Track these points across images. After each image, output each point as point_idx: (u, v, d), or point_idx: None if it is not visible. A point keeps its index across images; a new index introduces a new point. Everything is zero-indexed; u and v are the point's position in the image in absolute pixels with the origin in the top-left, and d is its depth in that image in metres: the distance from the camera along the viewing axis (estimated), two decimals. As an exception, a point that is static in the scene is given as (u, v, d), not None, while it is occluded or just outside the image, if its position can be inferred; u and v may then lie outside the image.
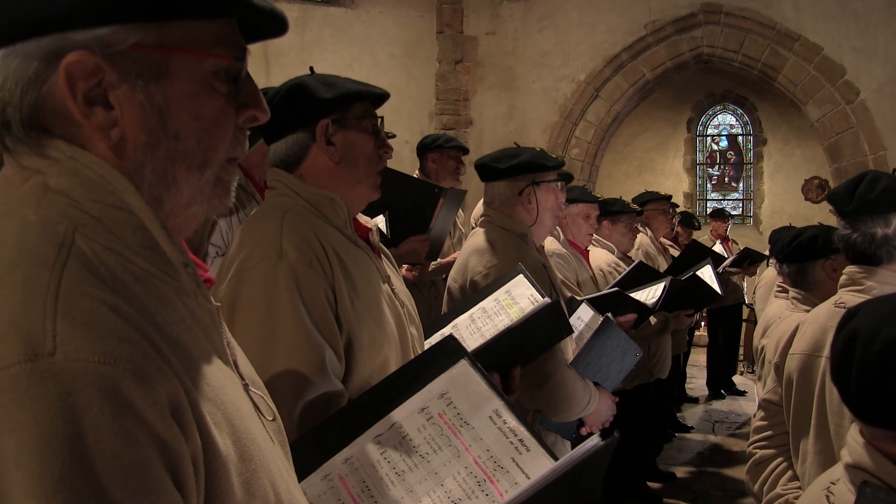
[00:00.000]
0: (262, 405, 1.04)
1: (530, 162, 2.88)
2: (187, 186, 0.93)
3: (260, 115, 0.99)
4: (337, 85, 1.85)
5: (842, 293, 2.35)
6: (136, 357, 0.76)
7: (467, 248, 2.95)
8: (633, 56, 9.98)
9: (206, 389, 0.86)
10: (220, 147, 0.95)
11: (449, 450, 1.41)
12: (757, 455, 2.56)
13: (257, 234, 1.76)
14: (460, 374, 1.49)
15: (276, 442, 1.05)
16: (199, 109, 0.92)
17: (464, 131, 10.32)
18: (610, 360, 2.99)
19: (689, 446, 7.16)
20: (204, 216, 0.99)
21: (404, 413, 1.45)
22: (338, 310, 1.71)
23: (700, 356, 9.76)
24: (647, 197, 6.46)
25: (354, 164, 1.86)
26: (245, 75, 0.97)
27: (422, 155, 4.57)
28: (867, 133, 8.85)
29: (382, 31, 10.35)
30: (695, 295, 4.68)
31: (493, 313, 2.35)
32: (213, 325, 0.97)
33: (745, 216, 14.57)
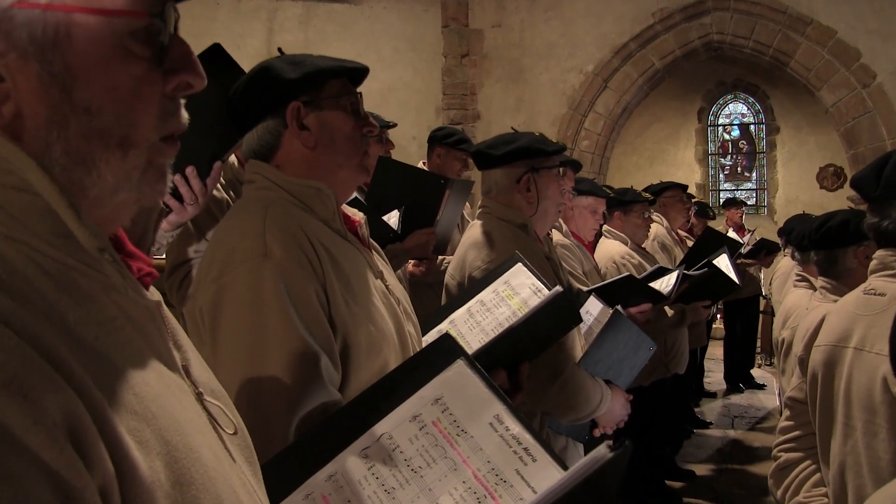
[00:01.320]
0: (220, 417, 0.90)
1: (527, 147, 2.70)
2: (109, 170, 0.78)
3: (194, 80, 0.83)
4: (305, 63, 1.69)
5: (872, 279, 2.14)
6: (9, 366, 0.62)
7: (465, 242, 2.78)
8: (641, 45, 9.83)
9: (131, 401, 0.73)
10: (144, 122, 0.80)
11: (444, 462, 1.25)
12: (782, 459, 2.37)
13: (237, 231, 1.60)
14: (456, 376, 1.34)
15: (240, 459, 0.91)
16: (113, 78, 0.77)
17: (471, 126, 10.19)
18: (622, 356, 2.81)
19: (708, 443, 7.00)
20: (136, 205, 0.84)
21: (394, 422, 1.30)
22: (331, 311, 1.55)
23: (717, 350, 9.59)
24: (663, 185, 6.30)
25: (333, 147, 1.70)
26: (172, 35, 0.81)
27: (431, 146, 4.44)
28: (885, 117, 8.66)
29: (387, 26, 10.25)
30: (712, 285, 4.51)
31: (492, 306, 2.19)
32: (152, 324, 0.84)
33: (760, 206, 14.40)
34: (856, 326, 2.09)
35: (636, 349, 2.85)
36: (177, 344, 0.89)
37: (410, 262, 3.65)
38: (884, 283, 2.09)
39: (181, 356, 0.88)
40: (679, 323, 4.64)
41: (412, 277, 3.70)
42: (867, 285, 2.16)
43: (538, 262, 2.56)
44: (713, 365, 9.58)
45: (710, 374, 9.24)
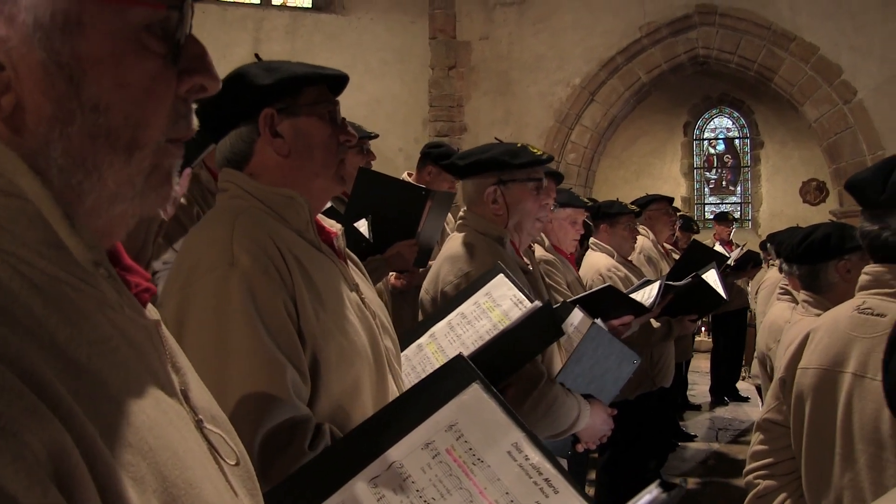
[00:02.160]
0: (221, 446, 0.83)
1: (493, 159, 2.62)
2: (112, 174, 0.71)
3: (209, 83, 0.77)
4: (280, 70, 1.65)
5: (864, 296, 2.04)
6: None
7: (441, 255, 2.71)
8: (628, 59, 9.90)
9: (126, 432, 0.66)
10: (155, 123, 0.73)
11: (460, 494, 1.17)
12: (759, 487, 2.23)
13: (205, 240, 1.56)
14: (472, 400, 1.25)
15: (242, 492, 0.84)
16: (126, 73, 0.70)
17: (458, 138, 10.20)
18: (604, 370, 2.73)
19: (692, 455, 7.00)
20: (137, 217, 0.77)
21: (405, 450, 1.21)
22: (300, 323, 1.51)
23: (702, 362, 9.61)
24: (649, 198, 6.31)
25: (308, 155, 1.66)
26: (188, 33, 0.76)
27: (423, 160, 4.37)
28: (865, 133, 8.76)
29: (374, 38, 10.27)
30: (699, 299, 4.51)
31: (473, 318, 2.15)
32: (150, 345, 0.78)
33: (744, 220, 14.45)
34: (852, 349, 1.99)
35: (619, 363, 2.77)
36: (175, 366, 0.82)
37: (392, 275, 3.64)
38: (881, 302, 1.99)
39: (180, 380, 0.82)
40: (666, 336, 4.64)
41: (394, 290, 3.68)
42: (861, 303, 2.05)
43: (516, 275, 2.48)
44: (698, 377, 9.59)
45: (694, 387, 9.25)
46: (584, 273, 4.71)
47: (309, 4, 10.25)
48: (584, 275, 4.68)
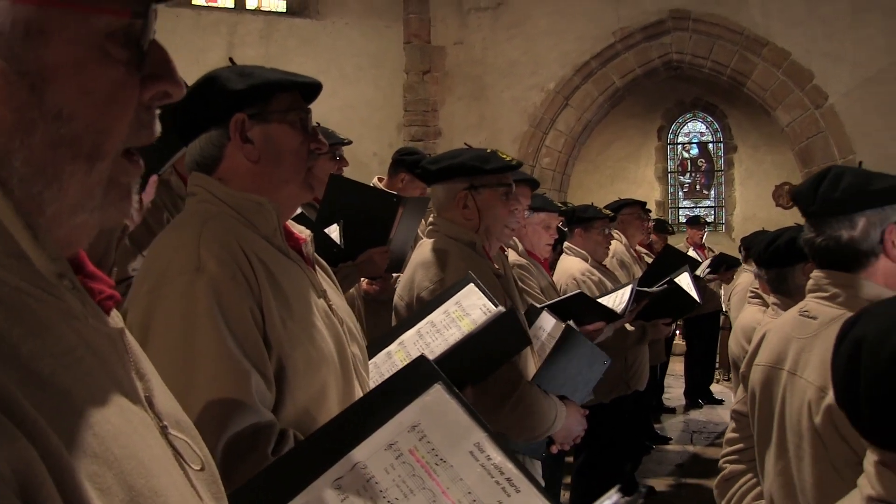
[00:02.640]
0: (186, 452, 0.83)
1: (463, 164, 2.63)
2: (73, 184, 0.71)
3: (173, 90, 0.77)
4: (253, 75, 1.64)
5: (808, 300, 2.14)
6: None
7: (414, 262, 2.71)
8: (602, 63, 9.95)
9: (91, 443, 0.66)
10: (117, 130, 0.73)
11: (423, 494, 1.18)
12: (727, 470, 2.39)
13: (172, 245, 1.55)
14: (434, 401, 1.25)
15: (207, 497, 0.84)
16: (89, 81, 0.70)
17: (433, 142, 10.21)
18: (577, 372, 2.76)
19: (667, 458, 7.04)
20: (97, 228, 0.77)
21: (369, 451, 1.21)
22: (266, 329, 1.50)
23: (676, 366, 9.66)
24: (622, 202, 6.35)
25: (277, 162, 1.65)
26: (152, 39, 0.75)
27: (396, 167, 4.34)
28: (836, 137, 8.85)
29: (349, 42, 10.25)
30: (673, 303, 4.54)
31: (442, 327, 2.13)
32: (114, 353, 0.77)
33: (718, 223, 14.57)
34: (790, 349, 2.10)
35: (591, 364, 2.80)
36: (139, 373, 0.81)
37: (364, 281, 3.62)
38: (817, 305, 2.08)
39: (144, 386, 0.81)
40: (640, 340, 4.67)
41: (366, 296, 3.66)
42: (803, 306, 2.15)
43: (487, 279, 2.48)
44: (673, 381, 9.64)
45: (669, 390, 9.30)
46: (557, 277, 4.73)
47: (283, 9, 10.21)
48: (557, 279, 4.69)
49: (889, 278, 2.00)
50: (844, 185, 1.99)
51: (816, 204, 2.02)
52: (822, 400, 1.89)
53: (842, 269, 2.04)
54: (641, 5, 9.61)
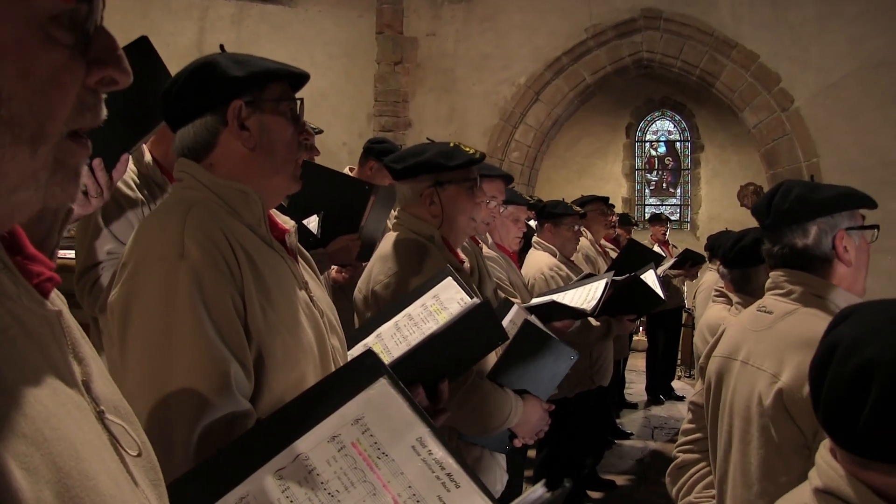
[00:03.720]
0: (123, 437, 0.82)
1: (428, 161, 2.64)
2: (14, 167, 0.69)
3: (119, 76, 0.75)
4: (250, 63, 1.65)
5: (766, 297, 2.25)
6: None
7: (375, 255, 2.73)
8: (573, 59, 9.99)
9: (20, 423, 0.66)
10: (59, 113, 0.72)
11: (364, 486, 1.19)
12: (679, 459, 2.47)
13: (156, 230, 1.55)
14: (378, 395, 1.27)
15: (144, 483, 0.83)
16: (30, 63, 0.68)
17: (402, 133, 10.20)
18: (540, 366, 2.76)
19: (628, 453, 7.12)
20: (39, 205, 0.74)
21: (312, 442, 1.23)
22: (247, 318, 1.50)
23: (639, 361, 9.76)
24: (586, 199, 6.42)
25: (271, 152, 1.66)
26: (98, 24, 0.74)
27: (365, 155, 4.36)
28: (801, 140, 8.98)
29: (321, 31, 10.20)
30: (637, 299, 4.59)
31: (420, 320, 2.13)
32: (50, 335, 0.77)
33: (683, 221, 14.74)
34: (745, 341, 2.19)
35: (556, 359, 2.79)
36: (77, 357, 0.80)
37: (334, 268, 3.62)
38: (773, 300, 2.19)
39: (82, 370, 0.80)
40: (605, 336, 4.71)
41: (335, 283, 3.66)
42: (761, 302, 2.26)
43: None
44: (635, 377, 9.74)
45: (631, 386, 9.39)
46: (526, 271, 4.76)
47: (255, -5, 10.13)
48: (526, 272, 4.73)
49: (844, 281, 2.12)
50: (793, 197, 2.13)
51: (771, 216, 2.17)
52: (774, 385, 1.98)
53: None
54: (613, 3, 9.66)
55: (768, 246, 2.22)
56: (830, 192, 2.12)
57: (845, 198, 2.12)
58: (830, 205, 2.10)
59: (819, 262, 2.11)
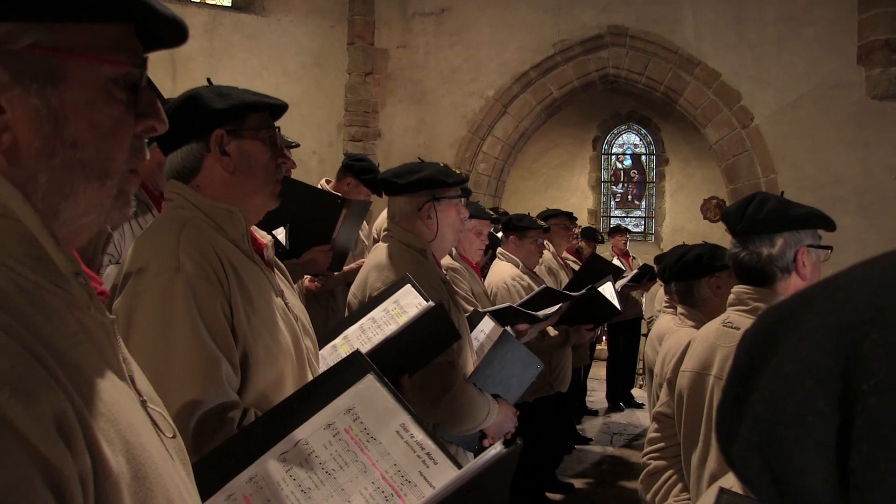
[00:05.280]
0: (160, 422, 1.00)
1: (430, 178, 2.87)
2: (84, 198, 0.89)
3: (158, 125, 0.96)
4: (231, 96, 1.85)
5: (730, 312, 2.41)
6: (16, 370, 0.72)
7: (368, 263, 2.92)
8: (541, 74, 10.19)
9: (99, 405, 0.82)
10: (118, 157, 0.91)
11: (356, 465, 1.39)
12: (651, 466, 2.63)
13: (154, 246, 1.74)
14: (366, 388, 1.47)
15: (177, 460, 1.00)
16: (97, 116, 0.88)
17: (372, 143, 10.33)
18: (511, 373, 3.01)
19: (588, 458, 7.31)
20: (99, 226, 0.95)
21: (310, 430, 1.42)
22: (234, 323, 1.71)
23: (601, 370, 9.96)
24: (550, 213, 6.60)
25: (251, 174, 1.86)
26: (145, 84, 0.94)
27: (344, 171, 4.50)
28: (760, 157, 9.25)
29: (293, 40, 10.29)
30: (595, 310, 4.78)
31: (382, 323, 2.36)
32: (106, 339, 0.93)
33: (647, 233, 14.98)
34: (716, 356, 2.36)
35: (525, 367, 3.05)
36: (124, 357, 0.96)
37: (307, 278, 3.77)
38: (739, 317, 2.35)
39: (127, 368, 0.97)
40: (563, 344, 4.90)
41: (308, 292, 3.81)
42: (726, 318, 2.42)
43: (435, 284, 2.75)
44: (596, 384, 9.94)
45: (592, 394, 9.59)
46: (489, 281, 4.93)
47: (229, 3, 10.17)
48: (489, 283, 4.89)
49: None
50: (769, 209, 2.30)
51: (743, 223, 2.33)
52: None
53: (758, 282, 2.33)
54: (581, 20, 9.88)
55: (735, 251, 2.38)
56: (801, 210, 2.31)
57: (813, 217, 2.31)
58: (799, 221, 2.29)
59: (779, 272, 2.29)
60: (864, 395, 0.51)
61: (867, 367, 0.51)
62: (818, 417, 0.53)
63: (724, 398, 0.63)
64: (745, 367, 0.61)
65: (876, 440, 0.49)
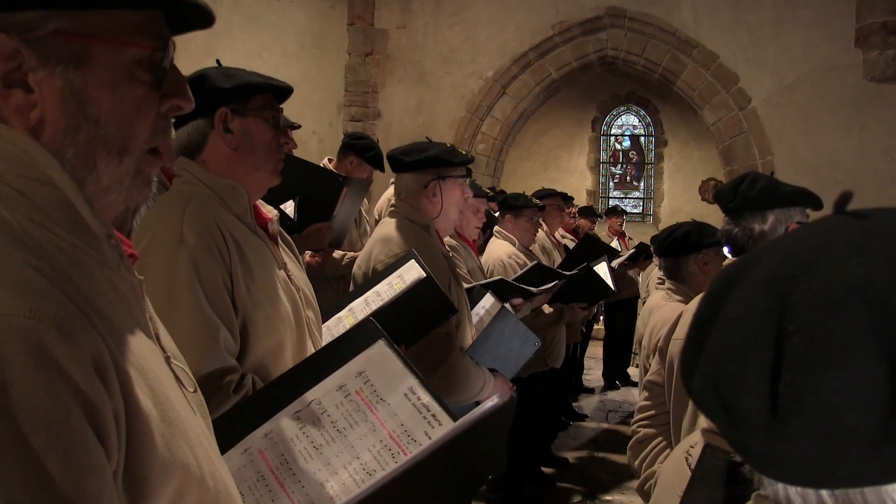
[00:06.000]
0: (183, 377, 1.07)
1: (436, 157, 2.97)
2: (107, 172, 0.95)
3: (184, 104, 1.02)
4: (237, 76, 1.94)
5: None
6: (60, 314, 0.79)
7: (374, 237, 3.05)
8: (540, 55, 10.24)
9: (129, 355, 0.89)
10: (140, 134, 0.97)
11: (365, 425, 1.49)
12: (640, 433, 2.73)
13: (160, 219, 1.84)
14: (377, 353, 1.57)
15: (198, 413, 1.07)
16: (120, 96, 0.94)
17: (372, 123, 10.39)
18: (509, 349, 3.10)
19: (583, 434, 7.43)
20: (123, 205, 1.02)
21: (323, 390, 1.52)
22: (234, 293, 1.81)
23: (598, 349, 10.07)
24: (544, 192, 6.69)
25: (252, 151, 1.95)
26: (169, 65, 0.99)
27: (345, 150, 4.60)
28: (757, 138, 9.32)
29: (293, 21, 10.33)
30: (589, 289, 4.88)
31: (385, 296, 2.47)
32: (134, 298, 1.00)
33: (646, 214, 15.05)
34: None
35: (522, 343, 3.16)
36: (150, 316, 1.04)
37: (308, 253, 3.87)
38: None
39: (153, 326, 1.04)
40: (557, 321, 5.00)
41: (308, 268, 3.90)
42: None
43: (437, 259, 2.87)
44: (593, 363, 10.06)
45: (589, 372, 9.71)
46: (486, 259, 5.03)
47: (229, -17, 10.22)
48: (486, 260, 4.99)
49: None
50: (760, 186, 2.39)
51: (736, 201, 2.41)
52: None
53: None
54: (579, 1, 9.91)
55: (728, 227, 2.45)
56: (790, 189, 2.41)
57: (802, 195, 2.40)
58: (789, 199, 2.38)
59: None
60: (790, 334, 0.63)
61: (794, 312, 0.64)
62: (757, 353, 0.65)
63: (686, 341, 0.77)
64: (705, 313, 0.75)
65: (797, 369, 0.62)
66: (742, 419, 0.65)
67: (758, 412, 0.63)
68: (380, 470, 1.42)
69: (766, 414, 0.63)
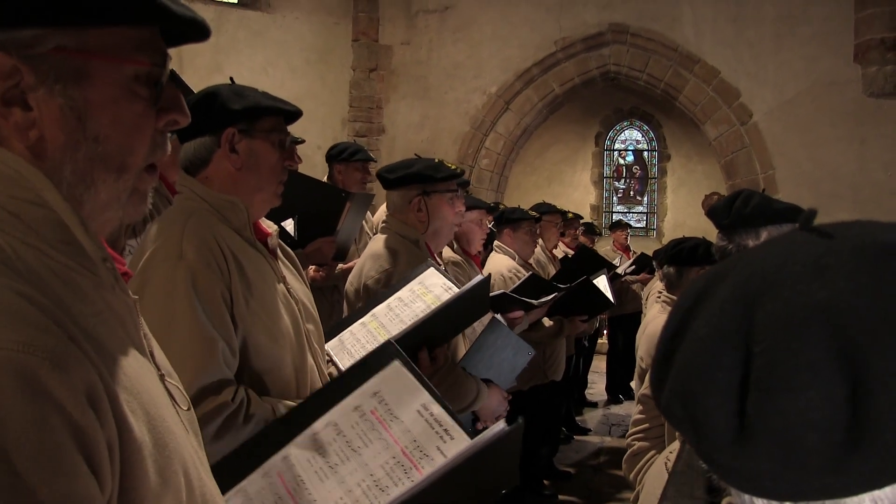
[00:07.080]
0: (177, 395, 1.06)
1: (418, 173, 3.01)
2: (104, 189, 0.94)
3: (180, 118, 1.01)
4: (248, 97, 1.97)
5: None
6: (53, 346, 0.79)
7: (366, 253, 3.09)
8: (543, 71, 10.32)
9: (123, 378, 0.88)
10: (139, 150, 0.96)
11: (379, 442, 1.53)
12: (635, 447, 2.77)
13: (162, 235, 1.88)
14: (393, 372, 1.62)
15: (190, 431, 1.07)
16: (119, 113, 0.93)
17: (376, 139, 10.47)
18: (502, 359, 3.14)
19: (586, 448, 7.45)
20: (119, 221, 1.01)
21: (340, 412, 1.58)
22: (233, 308, 1.84)
23: (601, 363, 10.07)
24: (543, 208, 6.75)
25: (256, 172, 1.98)
26: (167, 80, 0.99)
27: (330, 164, 4.69)
28: (759, 153, 9.38)
29: (298, 37, 10.41)
30: (588, 301, 4.93)
31: (409, 301, 2.53)
32: (129, 317, 0.99)
33: (649, 229, 15.02)
34: None
35: (516, 353, 3.19)
36: (145, 334, 1.04)
37: (311, 268, 3.93)
38: None
39: (148, 344, 1.04)
40: (557, 334, 5.05)
41: (312, 282, 3.96)
42: None
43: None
44: (597, 377, 10.05)
45: (593, 386, 9.72)
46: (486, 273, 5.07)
47: (235, 0, 10.33)
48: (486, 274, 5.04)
49: None
50: (754, 204, 2.42)
51: (730, 217, 2.44)
52: None
53: None
54: (582, 17, 10.00)
55: (722, 244, 2.47)
56: (783, 205, 2.44)
57: (794, 212, 2.42)
58: (782, 215, 2.40)
59: None
60: (756, 355, 0.66)
61: (759, 333, 0.67)
62: (723, 372, 0.68)
63: (656, 354, 0.80)
64: (674, 328, 0.77)
65: (762, 389, 0.65)
66: (709, 435, 0.67)
67: (724, 430, 0.66)
68: (392, 486, 1.46)
69: (732, 432, 0.65)
